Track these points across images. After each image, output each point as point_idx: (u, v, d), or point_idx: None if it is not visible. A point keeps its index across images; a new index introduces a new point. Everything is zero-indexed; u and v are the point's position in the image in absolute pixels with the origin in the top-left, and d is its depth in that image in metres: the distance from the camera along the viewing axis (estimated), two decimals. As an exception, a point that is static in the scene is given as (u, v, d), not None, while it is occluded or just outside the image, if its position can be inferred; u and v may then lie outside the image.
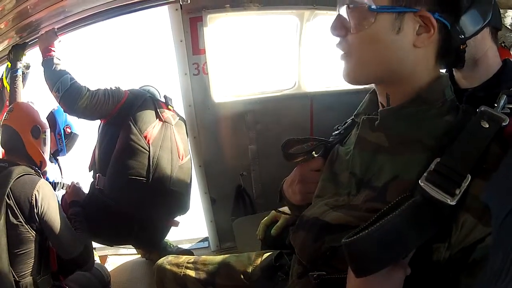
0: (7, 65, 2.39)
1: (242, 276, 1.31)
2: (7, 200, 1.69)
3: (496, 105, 0.78)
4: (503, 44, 1.99)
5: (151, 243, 2.67)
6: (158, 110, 2.50)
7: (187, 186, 2.61)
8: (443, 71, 0.89)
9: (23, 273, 1.72)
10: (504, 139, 0.71)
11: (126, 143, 2.34)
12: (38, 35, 2.27)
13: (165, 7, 2.48)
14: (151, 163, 2.36)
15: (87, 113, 2.30)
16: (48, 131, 2.14)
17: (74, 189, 2.44)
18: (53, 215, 1.82)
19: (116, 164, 2.34)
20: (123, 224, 2.38)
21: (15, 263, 1.70)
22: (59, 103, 2.23)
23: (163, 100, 2.67)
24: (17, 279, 1.70)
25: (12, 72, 2.33)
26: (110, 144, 2.39)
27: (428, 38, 0.76)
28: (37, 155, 2.04)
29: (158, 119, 2.48)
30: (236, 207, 2.99)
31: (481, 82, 1.33)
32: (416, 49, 0.77)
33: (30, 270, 1.75)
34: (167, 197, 2.45)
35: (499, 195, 0.56)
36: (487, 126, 0.72)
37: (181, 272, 1.39)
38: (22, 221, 1.71)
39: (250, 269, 1.33)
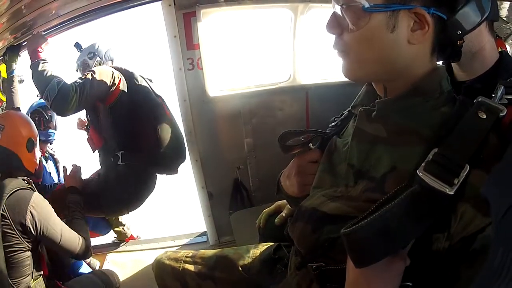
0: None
1: (241, 269, 1.32)
2: (3, 217, 1.69)
3: (493, 95, 0.78)
4: (496, 34, 2.00)
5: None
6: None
7: None
8: (440, 63, 0.89)
9: (18, 279, 1.73)
10: (502, 130, 0.72)
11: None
12: (30, 35, 2.26)
13: (159, 3, 2.47)
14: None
15: (80, 109, 2.34)
16: (38, 136, 2.13)
17: (73, 175, 2.42)
18: (52, 229, 1.84)
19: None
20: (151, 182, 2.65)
21: (10, 271, 1.71)
22: (51, 108, 2.24)
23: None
24: (14, 286, 1.71)
25: (7, 74, 2.33)
26: (127, 123, 2.46)
27: (423, 35, 0.76)
28: (33, 165, 2.05)
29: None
30: (233, 201, 2.99)
31: (479, 74, 1.33)
32: (411, 45, 0.77)
33: (25, 276, 1.76)
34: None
35: (499, 191, 0.56)
36: (485, 116, 0.71)
37: (179, 267, 1.39)
38: (18, 236, 1.73)
39: (249, 262, 1.33)
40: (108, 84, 2.36)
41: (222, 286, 1.32)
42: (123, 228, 3.22)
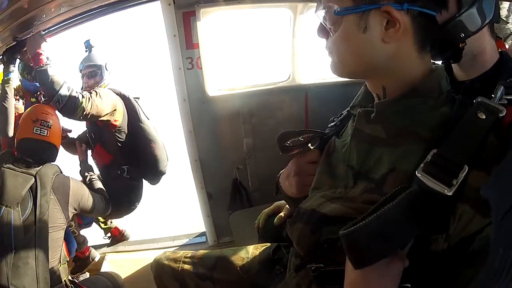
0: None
1: (239, 270, 1.32)
2: (51, 196, 1.96)
3: (493, 96, 0.78)
4: (495, 35, 1.99)
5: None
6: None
7: None
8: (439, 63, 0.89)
9: (52, 260, 1.89)
10: (501, 130, 0.71)
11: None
12: (29, 36, 2.24)
13: (158, 2, 2.47)
14: None
15: (86, 118, 2.45)
16: None
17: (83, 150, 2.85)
18: (88, 202, 2.24)
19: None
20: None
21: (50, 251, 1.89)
22: (59, 111, 2.31)
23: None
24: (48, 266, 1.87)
25: (5, 75, 2.34)
26: (130, 146, 2.80)
27: (396, 33, 0.76)
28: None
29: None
30: (232, 201, 2.99)
31: (479, 74, 1.32)
32: (387, 44, 0.77)
33: (56, 258, 1.93)
34: None
35: (499, 192, 0.56)
36: (484, 117, 0.71)
37: (179, 267, 1.39)
38: (60, 210, 2.00)
39: (247, 263, 1.33)
40: (108, 110, 2.57)
41: (221, 286, 1.32)
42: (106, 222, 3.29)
